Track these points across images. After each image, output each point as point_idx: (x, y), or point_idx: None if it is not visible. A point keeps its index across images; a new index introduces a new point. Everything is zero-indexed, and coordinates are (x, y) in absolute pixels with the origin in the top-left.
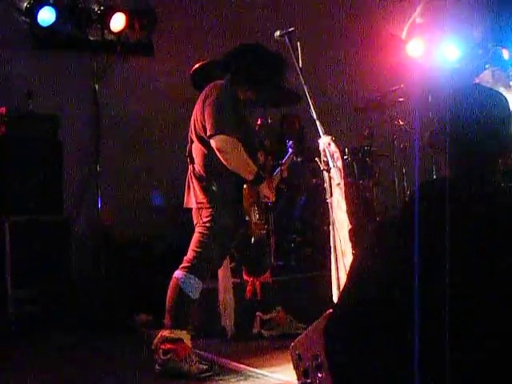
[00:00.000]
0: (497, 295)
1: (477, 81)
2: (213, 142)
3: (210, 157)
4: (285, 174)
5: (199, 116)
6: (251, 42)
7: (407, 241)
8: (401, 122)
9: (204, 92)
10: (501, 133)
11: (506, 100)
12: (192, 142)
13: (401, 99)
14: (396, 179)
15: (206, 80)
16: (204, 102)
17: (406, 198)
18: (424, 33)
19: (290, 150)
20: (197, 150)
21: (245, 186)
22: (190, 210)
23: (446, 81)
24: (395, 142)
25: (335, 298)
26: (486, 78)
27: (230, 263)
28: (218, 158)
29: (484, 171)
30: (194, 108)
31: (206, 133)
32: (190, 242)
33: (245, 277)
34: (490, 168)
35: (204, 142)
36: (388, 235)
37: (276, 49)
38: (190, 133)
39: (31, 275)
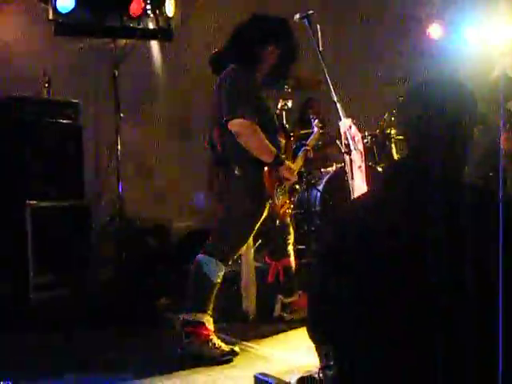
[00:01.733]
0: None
1: (498, 66)
2: (230, 126)
3: (230, 141)
4: (310, 154)
5: (217, 102)
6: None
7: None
8: None
9: (219, 78)
10: (461, 122)
11: (470, 93)
12: (212, 127)
13: None
14: None
15: (223, 66)
16: (220, 88)
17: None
18: (444, 15)
19: (315, 128)
20: (217, 134)
21: (265, 168)
22: (211, 195)
23: (465, 64)
24: None
25: None
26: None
27: (253, 246)
28: (239, 143)
29: (445, 157)
30: (213, 93)
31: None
32: (210, 228)
33: (267, 260)
34: (453, 154)
35: (224, 127)
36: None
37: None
38: (210, 118)
39: (52, 261)
